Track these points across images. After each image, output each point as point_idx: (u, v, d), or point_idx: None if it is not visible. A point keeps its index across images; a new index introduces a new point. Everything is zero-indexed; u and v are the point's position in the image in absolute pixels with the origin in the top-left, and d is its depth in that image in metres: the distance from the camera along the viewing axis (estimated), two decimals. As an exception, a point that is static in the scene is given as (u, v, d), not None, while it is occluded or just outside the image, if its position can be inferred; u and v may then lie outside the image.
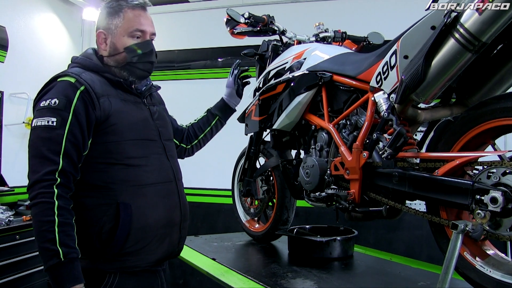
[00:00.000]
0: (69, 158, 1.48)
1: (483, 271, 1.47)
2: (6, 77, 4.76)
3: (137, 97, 1.75)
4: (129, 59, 1.70)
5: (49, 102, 1.51)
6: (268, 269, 2.31)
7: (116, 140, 1.58)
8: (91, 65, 1.68)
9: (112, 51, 1.70)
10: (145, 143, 1.67)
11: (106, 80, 1.66)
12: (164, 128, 1.82)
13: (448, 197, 1.51)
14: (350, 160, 1.91)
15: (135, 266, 1.59)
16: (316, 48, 2.33)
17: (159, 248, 1.64)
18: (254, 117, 2.64)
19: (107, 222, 1.53)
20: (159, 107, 1.89)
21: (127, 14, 1.69)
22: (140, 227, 1.57)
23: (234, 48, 4.63)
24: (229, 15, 2.49)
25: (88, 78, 1.58)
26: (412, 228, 4.26)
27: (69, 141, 1.48)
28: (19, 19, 4.95)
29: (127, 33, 1.69)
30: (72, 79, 1.55)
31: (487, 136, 1.53)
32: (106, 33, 1.70)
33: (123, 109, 1.63)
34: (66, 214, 1.43)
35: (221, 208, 4.67)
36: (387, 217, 1.87)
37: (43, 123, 1.48)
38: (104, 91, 1.60)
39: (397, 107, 1.71)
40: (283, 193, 2.70)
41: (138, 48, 1.71)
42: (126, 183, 1.58)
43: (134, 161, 1.61)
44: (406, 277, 2.24)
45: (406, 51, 1.64)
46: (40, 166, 1.45)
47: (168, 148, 1.78)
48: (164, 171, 1.71)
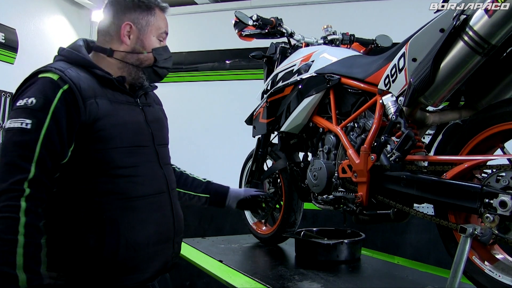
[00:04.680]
0: (43, 166, 1.29)
1: (492, 275, 1.46)
2: (15, 79, 4.76)
3: (130, 97, 1.56)
4: (154, 62, 1.58)
5: (25, 101, 1.32)
6: (275, 271, 2.31)
7: (102, 148, 1.40)
8: (78, 58, 1.47)
9: (138, 48, 1.54)
10: (136, 150, 1.49)
11: (94, 77, 1.45)
12: (158, 131, 1.63)
13: (456, 201, 1.50)
14: (358, 163, 1.90)
15: (125, 286, 1.43)
16: (324, 50, 2.33)
17: (150, 267, 1.48)
18: (262, 120, 2.64)
19: (91, 239, 1.36)
20: (155, 108, 1.70)
21: (158, 13, 1.58)
22: (128, 245, 1.40)
23: (242, 50, 4.65)
24: (237, 17, 2.50)
25: (74, 75, 1.38)
26: (420, 231, 4.24)
27: (45, 147, 1.29)
28: (29, 21, 5.01)
29: (157, 34, 1.58)
30: (54, 76, 1.36)
31: (496, 140, 1.52)
32: (134, 26, 1.53)
33: (112, 112, 1.43)
34: (33, 233, 1.25)
35: (229, 210, 4.66)
36: (394, 220, 1.87)
37: (17, 125, 1.29)
38: (91, 91, 1.40)
39: (405, 110, 1.71)
40: (291, 195, 2.69)
41: (164, 52, 1.60)
42: (113, 196, 1.41)
43: (122, 172, 1.43)
44: (414, 280, 2.22)
45: (414, 53, 1.64)
46: (7, 174, 1.26)
47: (161, 155, 1.60)
48: (156, 182, 1.54)
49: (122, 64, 1.55)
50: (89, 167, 1.40)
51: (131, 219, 1.43)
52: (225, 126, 4.87)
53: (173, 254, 1.59)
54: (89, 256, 1.37)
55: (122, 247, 1.39)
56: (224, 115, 4.82)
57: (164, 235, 1.54)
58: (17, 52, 4.76)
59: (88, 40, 1.62)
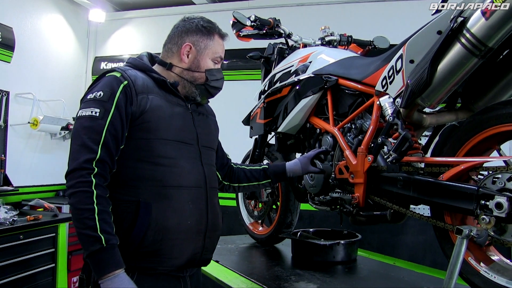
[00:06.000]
0: (107, 148, 1.50)
1: (488, 276, 1.46)
2: (12, 77, 4.79)
3: (181, 100, 1.73)
4: (206, 81, 1.76)
5: (95, 94, 1.55)
6: (272, 272, 2.31)
7: (147, 137, 1.58)
8: (139, 64, 1.72)
9: (194, 67, 1.74)
10: (179, 145, 1.65)
11: (151, 79, 1.68)
12: (205, 135, 1.78)
13: (453, 202, 1.51)
14: (355, 164, 1.91)
15: (151, 268, 1.55)
16: (321, 51, 2.34)
17: (176, 253, 1.58)
18: (259, 120, 2.64)
19: (126, 219, 1.52)
20: (207, 117, 1.88)
21: (217, 39, 1.77)
22: (158, 229, 1.53)
23: (239, 50, 4.63)
24: (235, 17, 2.50)
25: (132, 74, 1.62)
26: (416, 232, 4.25)
27: (109, 132, 1.50)
28: (25, 20, 4.99)
29: (213, 57, 1.76)
30: (117, 74, 1.59)
31: (492, 142, 1.53)
32: (193, 47, 1.73)
33: (161, 108, 1.63)
34: (104, 203, 1.45)
35: (225, 210, 4.62)
36: (391, 221, 1.87)
37: (87, 113, 1.52)
38: (145, 88, 1.62)
39: (402, 112, 1.71)
40: (287, 196, 2.70)
41: (217, 74, 1.78)
42: (151, 183, 1.56)
43: (162, 161, 1.59)
44: (410, 281, 2.23)
45: (412, 55, 1.65)
46: (79, 153, 1.47)
47: (204, 155, 1.74)
48: (194, 176, 1.66)
49: (179, 78, 1.74)
50: (133, 153, 1.58)
51: (164, 206, 1.56)
52: (223, 126, 4.88)
53: (204, 248, 1.67)
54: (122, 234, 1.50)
55: (151, 230, 1.52)
56: (221, 115, 4.81)
57: (195, 227, 1.63)
58: (14, 51, 4.74)
59: (153, 54, 1.85)
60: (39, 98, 5.02)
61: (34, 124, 4.84)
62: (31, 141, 5.12)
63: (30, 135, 5.07)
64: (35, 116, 4.86)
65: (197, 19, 1.79)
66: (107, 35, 6.06)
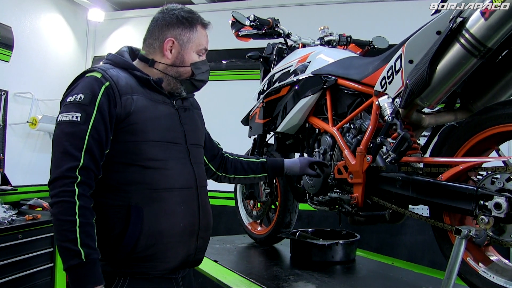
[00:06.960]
0: (91, 155, 1.44)
1: (487, 277, 1.47)
2: (11, 77, 4.77)
3: (166, 97, 1.67)
4: (191, 75, 1.69)
5: (75, 97, 1.47)
6: (270, 271, 2.31)
7: (134, 140, 1.52)
8: (120, 61, 1.63)
9: (178, 62, 1.67)
10: (167, 145, 1.59)
11: (134, 77, 1.60)
12: (192, 132, 1.73)
13: (451, 202, 1.51)
14: (354, 164, 1.91)
15: (145, 273, 1.52)
16: (321, 51, 2.34)
17: (170, 256, 1.55)
18: (258, 120, 2.64)
19: (117, 225, 1.47)
20: (192, 111, 1.81)
21: (199, 30, 1.70)
22: (151, 234, 1.49)
23: (238, 50, 4.64)
24: (234, 17, 2.50)
25: (114, 74, 1.54)
26: (415, 232, 4.25)
27: (92, 137, 1.44)
28: (24, 19, 4.97)
29: (197, 49, 1.69)
30: (98, 74, 1.52)
31: (491, 142, 1.53)
32: (176, 42, 1.66)
33: (147, 108, 1.56)
34: (87, 214, 1.40)
35: (224, 210, 4.65)
36: (390, 222, 1.88)
37: (68, 118, 1.45)
38: (128, 88, 1.54)
39: (401, 112, 1.71)
40: (286, 196, 2.70)
41: (202, 66, 1.71)
42: (141, 186, 1.51)
43: (152, 164, 1.53)
44: (409, 281, 2.23)
45: (411, 55, 1.65)
46: (61, 161, 1.41)
47: (193, 154, 1.68)
48: (184, 177, 1.62)
49: (162, 74, 1.67)
50: (121, 156, 1.52)
51: (155, 209, 1.52)
52: (221, 126, 4.88)
53: (196, 248, 1.64)
54: (112, 241, 1.47)
55: (144, 235, 1.48)
56: (220, 115, 4.81)
57: (188, 228, 1.59)
58: (13, 50, 4.73)
59: (133, 48, 1.77)
60: (37, 98, 5.00)
61: (33, 123, 4.82)
62: (30, 140, 5.10)
63: (28, 135, 5.05)
64: (34, 116, 4.84)
65: (177, 10, 1.69)
66: (106, 35, 6.05)
